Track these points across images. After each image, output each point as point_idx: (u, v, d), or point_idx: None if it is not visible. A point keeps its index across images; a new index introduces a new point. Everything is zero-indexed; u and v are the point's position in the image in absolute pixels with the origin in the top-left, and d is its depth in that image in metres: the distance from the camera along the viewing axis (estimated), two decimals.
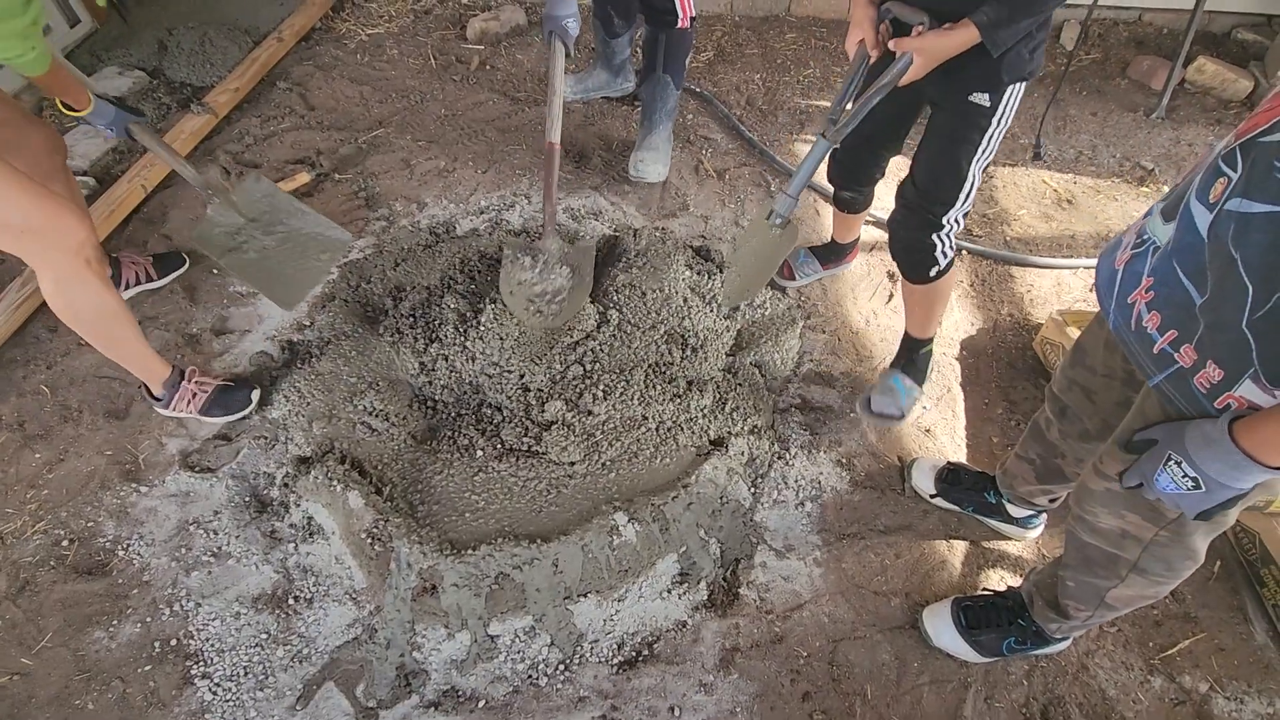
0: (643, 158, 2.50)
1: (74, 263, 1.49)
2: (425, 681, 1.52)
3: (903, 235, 1.71)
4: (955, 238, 1.68)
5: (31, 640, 1.52)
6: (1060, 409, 1.42)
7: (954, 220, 1.63)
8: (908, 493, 1.88)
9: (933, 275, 1.72)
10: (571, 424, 1.76)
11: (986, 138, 1.51)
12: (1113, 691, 1.60)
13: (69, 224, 1.45)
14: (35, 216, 1.40)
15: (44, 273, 1.51)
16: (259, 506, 1.74)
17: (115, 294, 1.60)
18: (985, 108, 1.47)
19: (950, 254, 1.70)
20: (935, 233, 1.64)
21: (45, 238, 1.44)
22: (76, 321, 1.59)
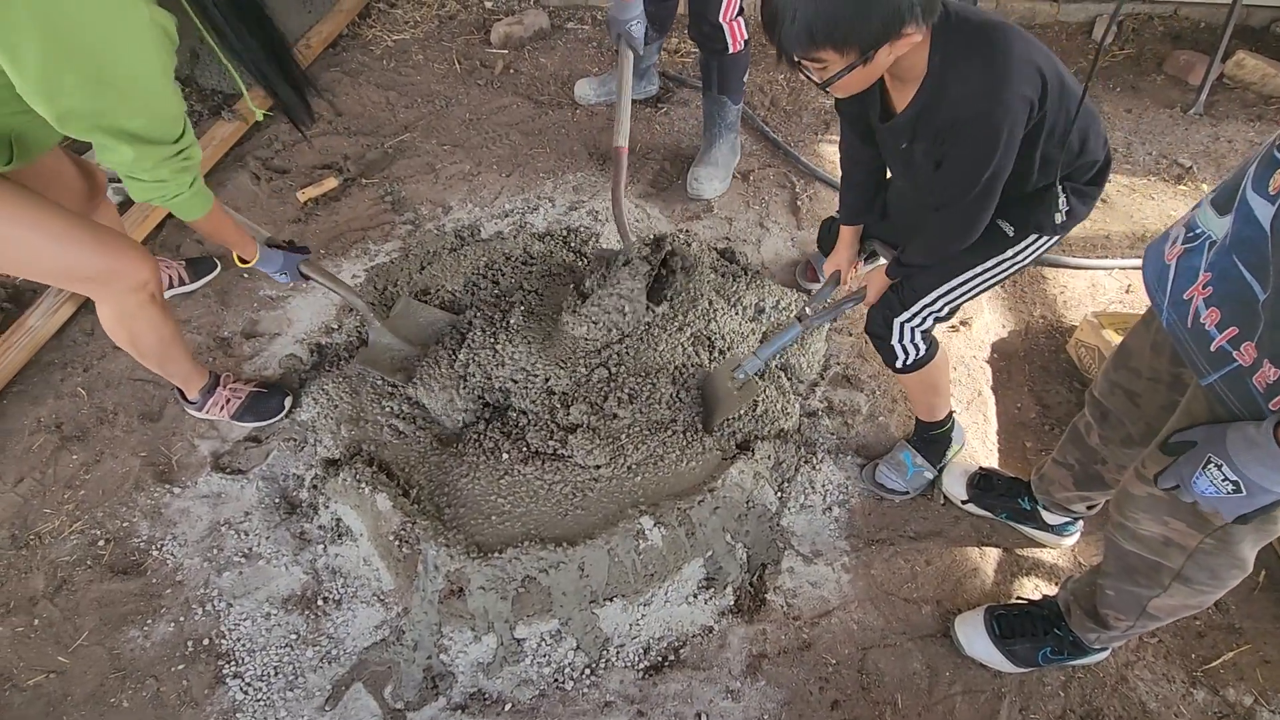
0: (700, 174, 2.47)
1: (138, 299, 1.50)
2: (452, 684, 1.52)
3: (870, 313, 1.63)
4: (922, 337, 1.57)
5: (68, 638, 1.55)
6: (1101, 413, 1.38)
7: (919, 316, 1.53)
8: (938, 498, 1.85)
9: (897, 366, 1.62)
10: (596, 427, 1.75)
11: (994, 262, 1.44)
12: (1153, 704, 1.56)
13: (134, 265, 1.45)
14: (102, 262, 1.41)
15: (107, 309, 1.53)
16: (288, 508, 1.76)
17: (173, 319, 1.63)
18: (1007, 235, 1.41)
19: (914, 353, 1.59)
20: (894, 320, 1.55)
21: (111, 282, 1.45)
22: (135, 350, 1.63)
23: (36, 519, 1.71)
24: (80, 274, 1.42)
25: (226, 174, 2.50)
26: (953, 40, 1.19)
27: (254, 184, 2.47)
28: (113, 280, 1.44)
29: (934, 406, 1.76)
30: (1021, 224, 1.40)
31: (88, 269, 1.41)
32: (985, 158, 1.22)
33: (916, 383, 1.70)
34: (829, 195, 2.56)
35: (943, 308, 1.53)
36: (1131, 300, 2.28)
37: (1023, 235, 1.42)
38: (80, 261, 1.39)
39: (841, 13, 1.06)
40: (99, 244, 1.40)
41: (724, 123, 2.45)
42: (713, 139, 2.48)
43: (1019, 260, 1.45)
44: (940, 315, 1.55)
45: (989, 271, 1.47)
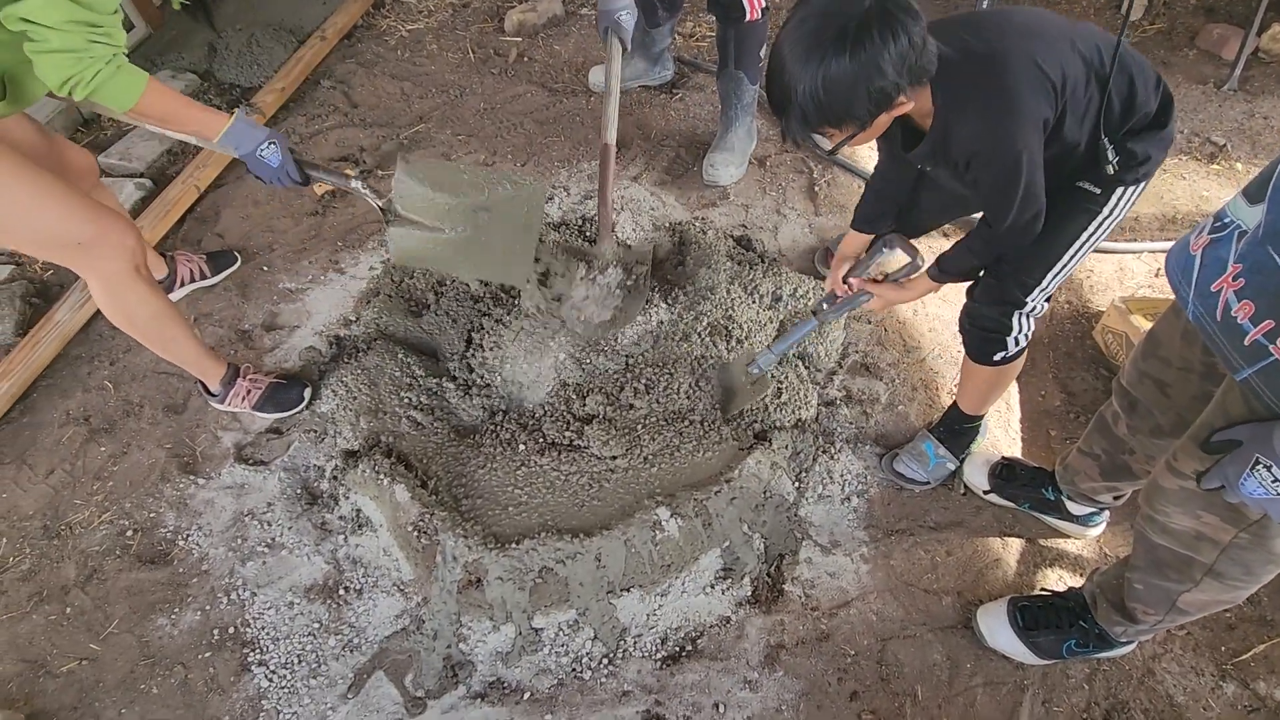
0: (715, 160, 2.43)
1: (124, 269, 1.53)
2: (471, 673, 1.54)
3: (976, 308, 1.54)
4: (1035, 322, 1.54)
5: (99, 626, 1.59)
6: (1130, 403, 1.35)
7: (1038, 302, 1.49)
8: (959, 489, 1.82)
9: (996, 359, 1.55)
10: (612, 418, 1.75)
11: (1093, 226, 1.38)
12: (1181, 697, 1.53)
13: (118, 233, 1.49)
14: (86, 229, 1.44)
15: (95, 281, 1.55)
16: (310, 499, 1.78)
17: (164, 296, 1.64)
18: (1095, 194, 1.36)
19: (1024, 342, 1.54)
20: (1015, 313, 1.49)
21: (95, 249, 1.47)
22: (130, 326, 1.64)
23: (67, 509, 1.75)
24: (63, 239, 1.43)
25: (240, 170, 2.51)
26: (952, 83, 1.20)
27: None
28: (95, 246, 1.46)
29: (988, 399, 1.72)
30: (1104, 182, 1.35)
31: (71, 234, 1.42)
32: (1011, 182, 1.24)
33: (996, 375, 1.62)
34: (847, 180, 2.51)
35: (1057, 287, 1.49)
36: (1160, 285, 2.22)
37: (1110, 191, 1.36)
38: (63, 226, 1.41)
39: (833, 103, 1.11)
40: (83, 209, 1.43)
41: (740, 104, 2.40)
42: (729, 122, 2.44)
43: (1113, 218, 1.39)
44: (1050, 295, 1.51)
45: (1091, 238, 1.41)
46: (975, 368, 1.63)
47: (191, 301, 2.16)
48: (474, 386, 1.83)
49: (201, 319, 2.12)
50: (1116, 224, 1.41)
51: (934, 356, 2.07)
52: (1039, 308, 1.51)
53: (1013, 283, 1.47)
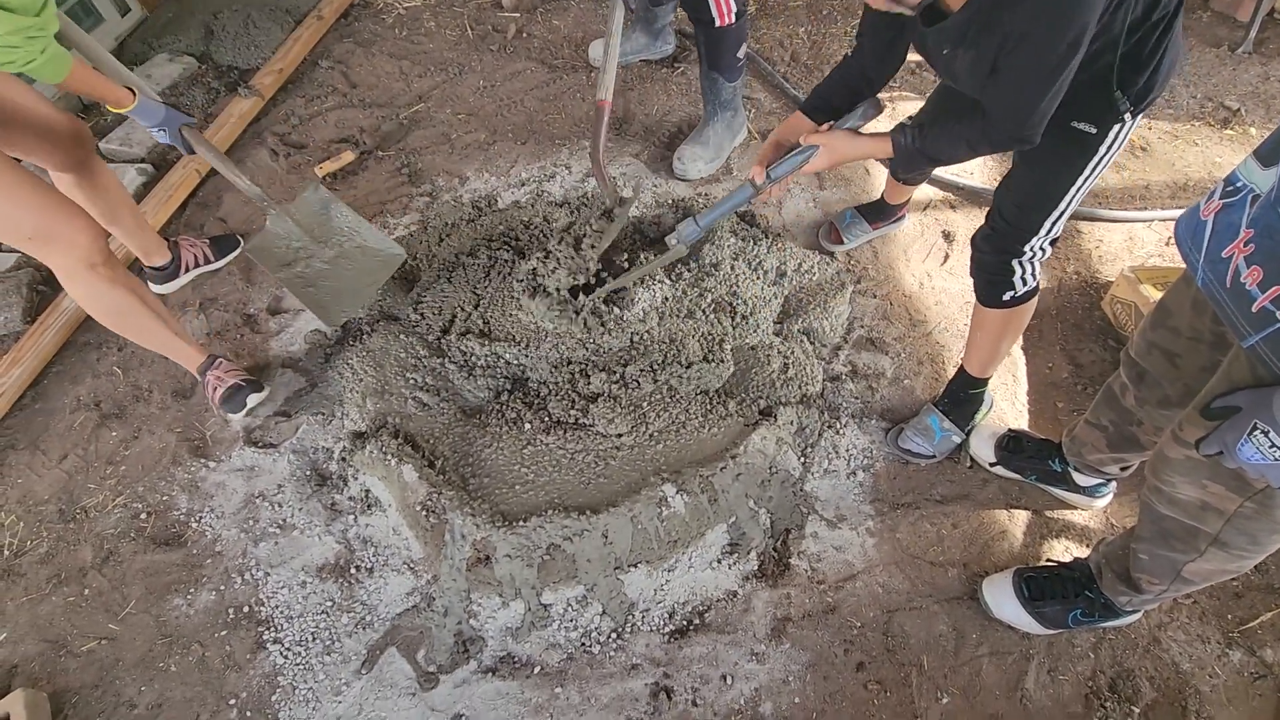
0: (685, 153, 2.37)
1: (79, 268, 1.56)
2: (482, 648, 1.56)
3: (981, 256, 1.56)
4: (1041, 265, 1.53)
5: (117, 607, 1.62)
6: (1138, 374, 1.34)
7: (1039, 248, 1.49)
8: (965, 462, 1.82)
9: (1006, 299, 1.56)
10: (617, 396, 1.75)
11: (1091, 166, 1.35)
12: (1187, 665, 1.54)
13: (70, 232, 1.52)
14: (34, 224, 1.47)
15: (57, 273, 1.59)
16: (319, 480, 1.80)
17: (127, 291, 1.65)
18: (1091, 135, 1.32)
19: (1031, 282, 1.54)
20: (1015, 259, 1.50)
21: (46, 245, 1.51)
22: (97, 314, 1.68)
23: (81, 494, 1.78)
24: (20, 231, 1.48)
25: (245, 151, 2.51)
26: None
27: (273, 160, 2.47)
28: (51, 242, 1.50)
29: (996, 355, 1.70)
30: (1099, 117, 1.30)
31: (25, 227, 1.47)
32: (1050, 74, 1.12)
33: (1003, 322, 1.61)
34: None
35: (1060, 227, 1.46)
36: (1171, 254, 2.19)
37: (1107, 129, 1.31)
38: (19, 216, 1.46)
39: None
40: (41, 205, 1.47)
41: (717, 101, 2.32)
42: (708, 116, 2.37)
43: (1111, 154, 1.35)
44: (1056, 237, 1.49)
45: (1090, 177, 1.38)
46: (985, 313, 1.62)
47: (196, 286, 2.16)
48: (476, 367, 1.83)
49: (207, 304, 2.12)
50: (1116, 155, 1.38)
51: (940, 330, 2.06)
52: (1042, 252, 1.51)
53: (1011, 233, 1.47)
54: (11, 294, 2.06)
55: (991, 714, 1.49)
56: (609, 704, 1.50)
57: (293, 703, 1.50)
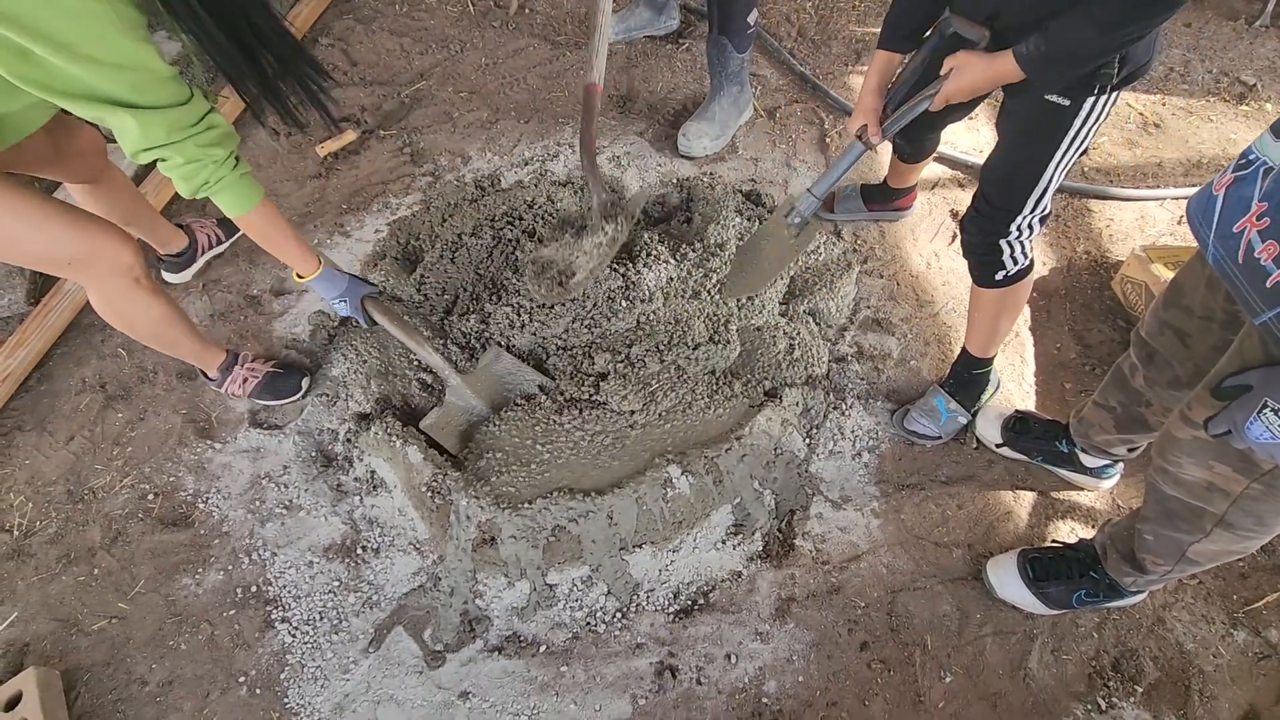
0: (690, 130, 2.32)
1: (122, 284, 1.50)
2: (488, 627, 1.58)
3: (969, 238, 1.55)
4: (1030, 242, 1.51)
5: (126, 586, 1.63)
6: (1148, 354, 1.32)
7: (1024, 226, 1.46)
8: (971, 443, 1.81)
9: (999, 279, 1.54)
10: (625, 374, 1.74)
11: (1067, 141, 1.31)
12: (1191, 645, 1.54)
13: (113, 249, 1.45)
14: (77, 248, 1.41)
15: (93, 293, 1.53)
16: (324, 461, 1.80)
17: (166, 299, 1.62)
18: (1064, 107, 1.27)
19: (1023, 260, 1.52)
20: (1003, 239, 1.48)
21: (90, 266, 1.45)
22: (132, 331, 1.63)
23: (89, 474, 1.79)
24: (58, 258, 1.41)
25: (244, 130, 2.48)
26: None
27: (273, 140, 2.45)
28: (92, 264, 1.44)
29: (996, 334, 1.68)
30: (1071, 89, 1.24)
31: (65, 252, 1.40)
32: None
33: (999, 302, 1.60)
34: None
35: (1046, 204, 1.44)
36: (1183, 233, 2.16)
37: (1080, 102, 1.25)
38: (56, 246, 1.38)
39: None
40: (75, 228, 1.40)
41: (725, 72, 2.26)
42: (714, 91, 2.32)
43: (1089, 127, 1.30)
44: (1045, 214, 1.46)
45: (1069, 152, 1.33)
46: (981, 294, 1.61)
47: (201, 269, 2.15)
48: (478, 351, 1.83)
49: (210, 285, 2.12)
50: (1095, 129, 1.32)
51: (947, 311, 2.04)
52: (1029, 230, 1.48)
53: (995, 214, 1.45)
54: (14, 275, 2.05)
55: (994, 692, 1.50)
56: (614, 682, 1.51)
57: (301, 680, 1.52)
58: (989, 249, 1.51)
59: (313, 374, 1.92)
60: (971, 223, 1.52)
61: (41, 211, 1.35)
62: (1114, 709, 1.48)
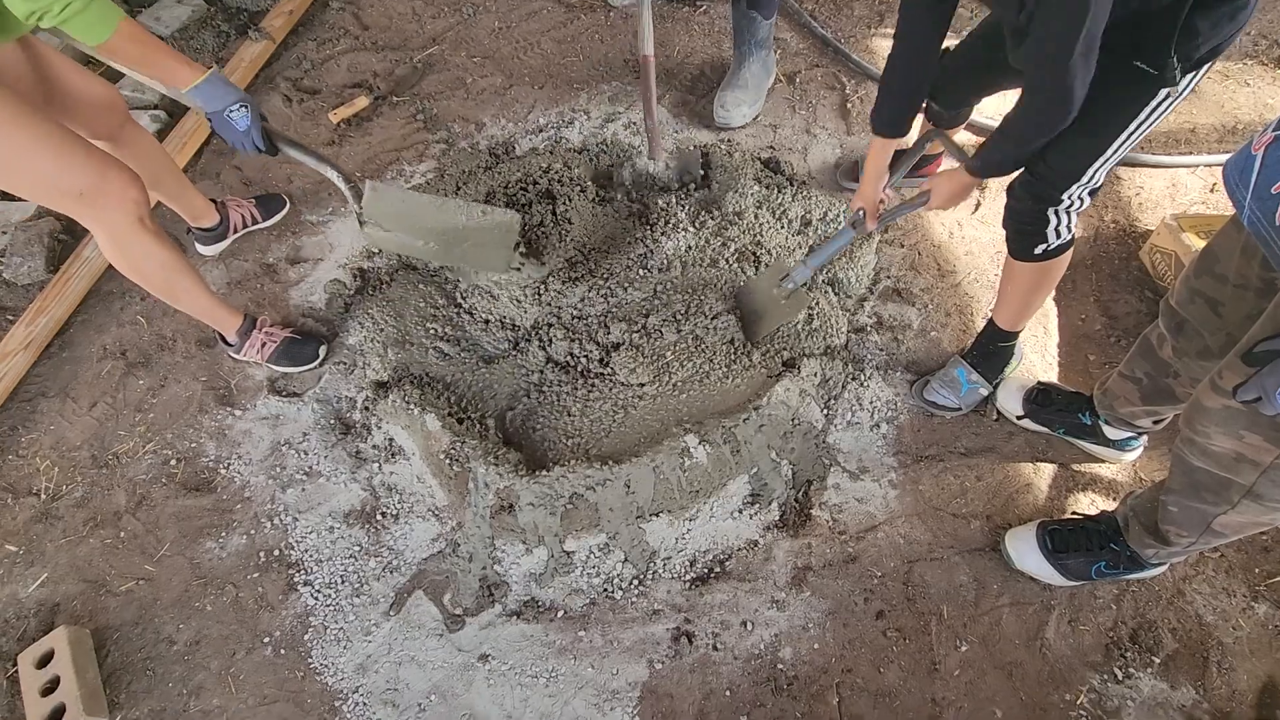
0: (726, 99, 2.27)
1: (128, 222, 1.49)
2: (507, 592, 1.60)
3: (1016, 204, 1.48)
4: (1077, 217, 1.45)
5: (152, 549, 1.66)
6: (1177, 324, 1.29)
7: (1076, 198, 1.41)
8: (992, 414, 1.79)
9: (1038, 253, 1.49)
10: (639, 345, 1.73)
11: (1145, 112, 1.25)
12: (1210, 617, 1.53)
13: (120, 185, 1.44)
14: (86, 180, 1.40)
15: (99, 233, 1.52)
16: (343, 429, 1.81)
17: (173, 247, 1.61)
18: (1150, 76, 1.21)
19: (1066, 235, 1.47)
20: (1052, 208, 1.42)
21: (96, 201, 1.44)
22: (139, 277, 1.63)
23: (112, 440, 1.81)
24: (65, 188, 1.40)
25: (258, 96, 2.46)
26: None
27: (286, 106, 2.43)
28: (98, 199, 1.43)
29: (1028, 307, 1.65)
30: (1164, 59, 1.20)
31: (70, 183, 1.39)
32: (1072, 25, 1.06)
33: (1035, 276, 1.56)
34: None
35: (1101, 177, 1.38)
36: (1216, 200, 2.10)
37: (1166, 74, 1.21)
38: (61, 175, 1.38)
39: None
40: (83, 159, 1.39)
41: (753, 40, 2.22)
42: (742, 58, 2.27)
43: (1168, 105, 1.26)
44: (1097, 187, 1.41)
45: (1143, 125, 1.29)
46: (1016, 267, 1.56)
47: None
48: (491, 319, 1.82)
49: (226, 254, 2.12)
50: (1170, 112, 1.28)
51: (970, 281, 2.01)
52: (1079, 202, 1.43)
53: (1048, 178, 1.39)
54: (34, 243, 2.06)
55: (1010, 662, 1.50)
56: (631, 647, 1.53)
57: (325, 641, 1.55)
58: (1035, 218, 1.44)
59: (329, 342, 1.93)
60: (1023, 187, 1.45)
61: (58, 136, 1.35)
62: (1131, 679, 1.48)
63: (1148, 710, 1.45)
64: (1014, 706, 1.46)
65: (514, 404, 1.74)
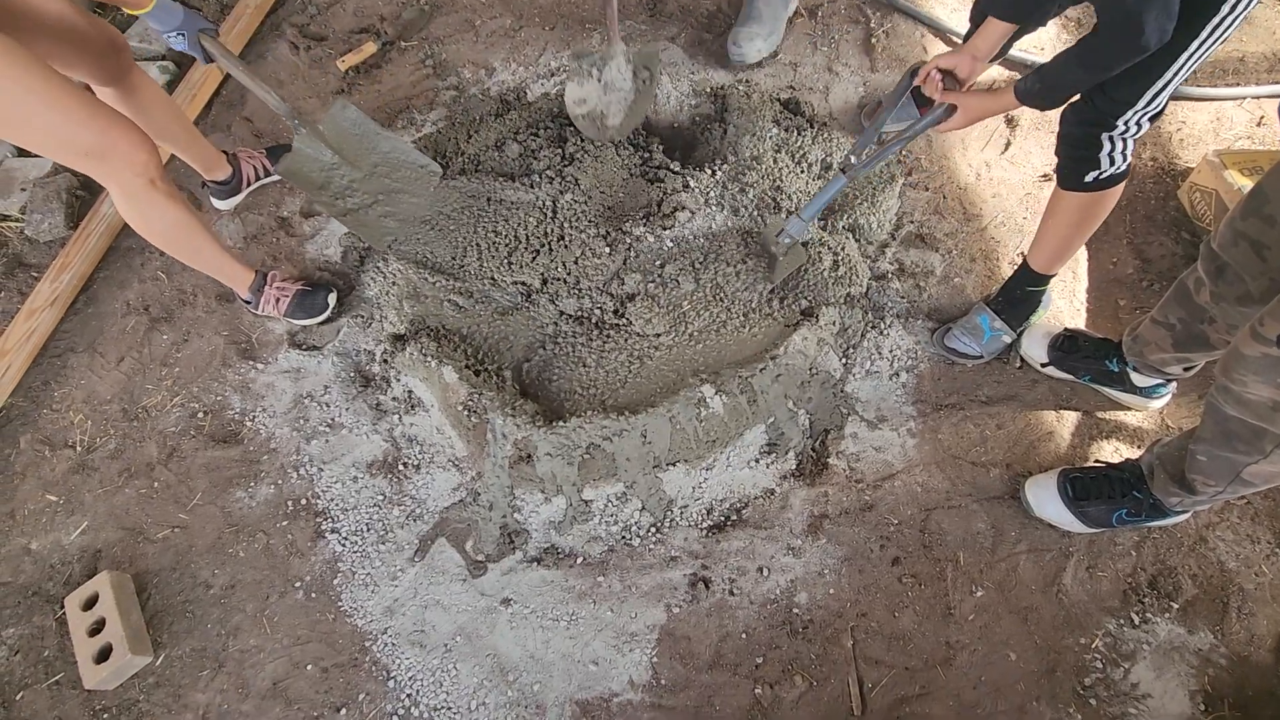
0: (739, 35, 2.16)
1: (138, 183, 1.50)
2: (527, 540, 1.63)
3: (1068, 129, 1.40)
4: (1133, 144, 1.36)
5: (185, 499, 1.72)
6: (1218, 268, 1.24)
7: (1134, 123, 1.32)
8: (1015, 362, 1.76)
9: (1088, 180, 1.41)
10: (654, 295, 1.71)
11: (1212, 25, 1.16)
12: (1233, 564, 1.52)
13: (128, 147, 1.45)
14: (94, 140, 1.41)
15: (112, 190, 1.54)
16: (363, 381, 1.83)
17: (185, 206, 1.62)
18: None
19: (1121, 164, 1.38)
20: (1106, 133, 1.34)
21: (106, 161, 1.45)
22: (151, 235, 1.64)
23: (141, 394, 1.85)
24: (76, 146, 1.42)
25: (265, 45, 2.41)
26: None
27: (293, 54, 2.37)
28: (109, 158, 1.44)
29: (1068, 247, 1.57)
30: None
31: (82, 142, 1.41)
32: None
33: (1082, 209, 1.48)
34: (909, 29, 2.27)
35: (1162, 101, 1.30)
36: (1264, 135, 1.99)
37: None
38: (75, 132, 1.39)
39: None
40: (95, 118, 1.40)
41: None
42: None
43: (1238, 14, 1.18)
44: (1157, 112, 1.33)
45: (1209, 41, 1.21)
46: (1063, 198, 1.48)
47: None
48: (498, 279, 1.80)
49: (241, 209, 2.11)
50: (1238, 24, 1.19)
51: (996, 225, 1.94)
52: (1137, 128, 1.34)
53: (1104, 101, 1.30)
54: (52, 200, 2.07)
55: (1025, 607, 1.51)
56: (649, 592, 1.56)
57: (353, 586, 1.60)
58: (1088, 142, 1.36)
59: (340, 291, 1.93)
60: (1074, 111, 1.37)
61: (64, 92, 1.36)
62: (1148, 624, 1.48)
63: (1163, 654, 1.46)
64: (1028, 649, 1.48)
65: (530, 355, 1.74)
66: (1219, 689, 1.42)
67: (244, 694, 1.52)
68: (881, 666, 1.48)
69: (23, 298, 1.96)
